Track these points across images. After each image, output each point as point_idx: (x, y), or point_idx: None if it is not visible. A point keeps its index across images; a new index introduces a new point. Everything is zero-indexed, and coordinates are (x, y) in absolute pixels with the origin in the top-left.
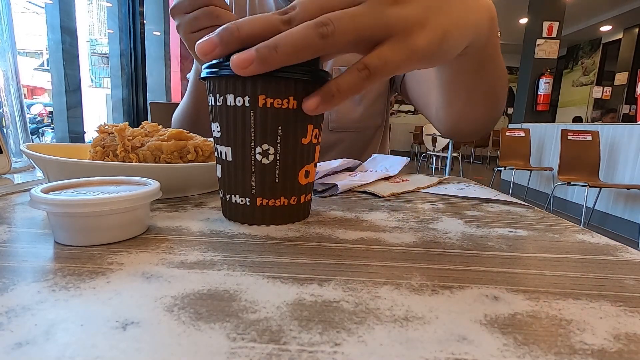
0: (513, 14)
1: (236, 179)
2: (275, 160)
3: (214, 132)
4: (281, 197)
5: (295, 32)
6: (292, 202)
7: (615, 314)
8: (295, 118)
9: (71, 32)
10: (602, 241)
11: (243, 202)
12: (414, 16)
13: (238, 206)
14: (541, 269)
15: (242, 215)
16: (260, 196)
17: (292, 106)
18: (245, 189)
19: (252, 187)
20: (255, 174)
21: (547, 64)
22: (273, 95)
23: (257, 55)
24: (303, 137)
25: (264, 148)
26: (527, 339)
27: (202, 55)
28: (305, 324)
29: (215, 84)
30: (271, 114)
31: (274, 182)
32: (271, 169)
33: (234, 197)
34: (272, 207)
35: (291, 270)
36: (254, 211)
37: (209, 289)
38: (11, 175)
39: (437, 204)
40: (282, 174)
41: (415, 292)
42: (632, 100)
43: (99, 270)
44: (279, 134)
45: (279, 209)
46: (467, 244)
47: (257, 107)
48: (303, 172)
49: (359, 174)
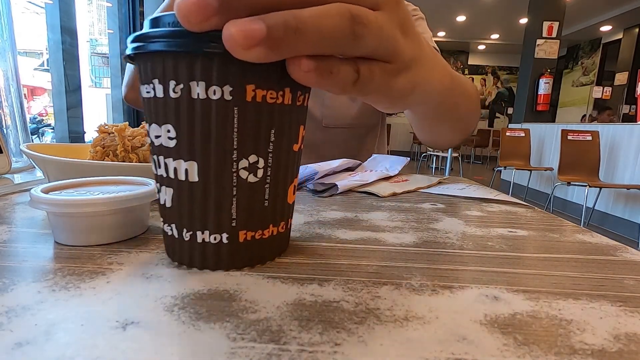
0: (513, 14)
1: (206, 207)
2: (265, 177)
3: (157, 139)
4: (270, 225)
5: (325, 15)
6: (281, 230)
7: (615, 314)
8: (290, 117)
9: (71, 32)
10: (602, 241)
11: (217, 240)
12: (407, 55)
13: (208, 247)
14: (541, 269)
15: (214, 260)
16: (244, 228)
17: (287, 101)
18: (221, 220)
19: (233, 217)
20: (238, 197)
21: (547, 64)
22: (266, 85)
23: (268, 35)
24: (295, 143)
25: (252, 160)
26: (527, 339)
27: (188, 21)
28: (305, 324)
29: (168, 65)
30: (263, 112)
31: (262, 206)
32: (260, 188)
33: (199, 234)
34: (259, 240)
35: (291, 270)
36: (236, 251)
37: (209, 289)
38: (11, 175)
39: (437, 204)
40: (273, 193)
41: (415, 292)
42: (632, 100)
43: (99, 270)
44: (272, 140)
45: (266, 242)
46: (467, 244)
47: (245, 101)
48: (292, 188)
49: (359, 174)
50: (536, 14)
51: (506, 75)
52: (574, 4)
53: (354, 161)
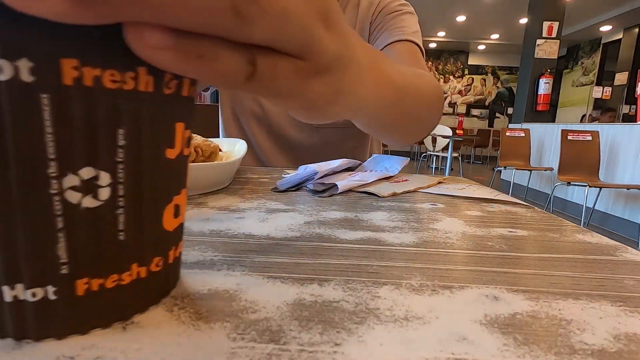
0: (513, 14)
1: (12, 250)
2: (116, 198)
3: None
4: (134, 264)
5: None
6: (155, 268)
7: (615, 314)
8: (153, 111)
9: None
10: (602, 241)
11: (39, 296)
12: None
13: (24, 308)
14: (541, 269)
15: (37, 325)
16: (85, 275)
17: (144, 86)
18: (41, 267)
19: (62, 261)
20: (69, 231)
21: (547, 64)
22: (101, 60)
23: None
24: (168, 147)
25: (86, 176)
26: (527, 339)
27: None
28: (305, 324)
29: None
30: (99, 102)
31: (115, 240)
32: (107, 214)
33: (6, 290)
34: (116, 288)
35: (291, 270)
36: (73, 308)
37: (209, 289)
38: None
39: (437, 204)
40: (133, 220)
41: (415, 292)
42: (632, 100)
43: None
44: (120, 144)
45: (129, 287)
46: (467, 244)
47: (60, 85)
48: (171, 208)
49: (359, 174)
50: (536, 14)
51: (506, 75)
52: (574, 4)
53: (354, 161)
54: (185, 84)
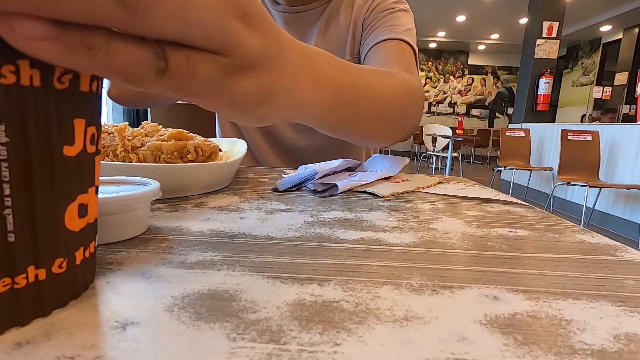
0: (513, 14)
1: None
2: (2, 197)
3: None
4: (30, 267)
5: None
6: (59, 270)
7: (615, 314)
8: (44, 106)
9: None
10: (602, 241)
11: None
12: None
13: None
14: (541, 269)
15: None
16: None
17: (26, 81)
18: None
19: None
20: None
21: (547, 64)
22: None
23: None
24: (65, 143)
25: None
26: (527, 339)
27: None
28: (305, 324)
29: None
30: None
31: (5, 242)
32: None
33: None
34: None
35: (291, 270)
36: None
37: (209, 289)
38: None
39: (437, 204)
40: (26, 221)
41: (415, 292)
42: (632, 100)
43: (99, 270)
44: (1, 142)
45: (22, 293)
46: (467, 244)
47: None
48: (74, 208)
49: (359, 174)
50: (536, 14)
51: (506, 75)
52: (574, 4)
53: (354, 161)
54: (84, 78)
